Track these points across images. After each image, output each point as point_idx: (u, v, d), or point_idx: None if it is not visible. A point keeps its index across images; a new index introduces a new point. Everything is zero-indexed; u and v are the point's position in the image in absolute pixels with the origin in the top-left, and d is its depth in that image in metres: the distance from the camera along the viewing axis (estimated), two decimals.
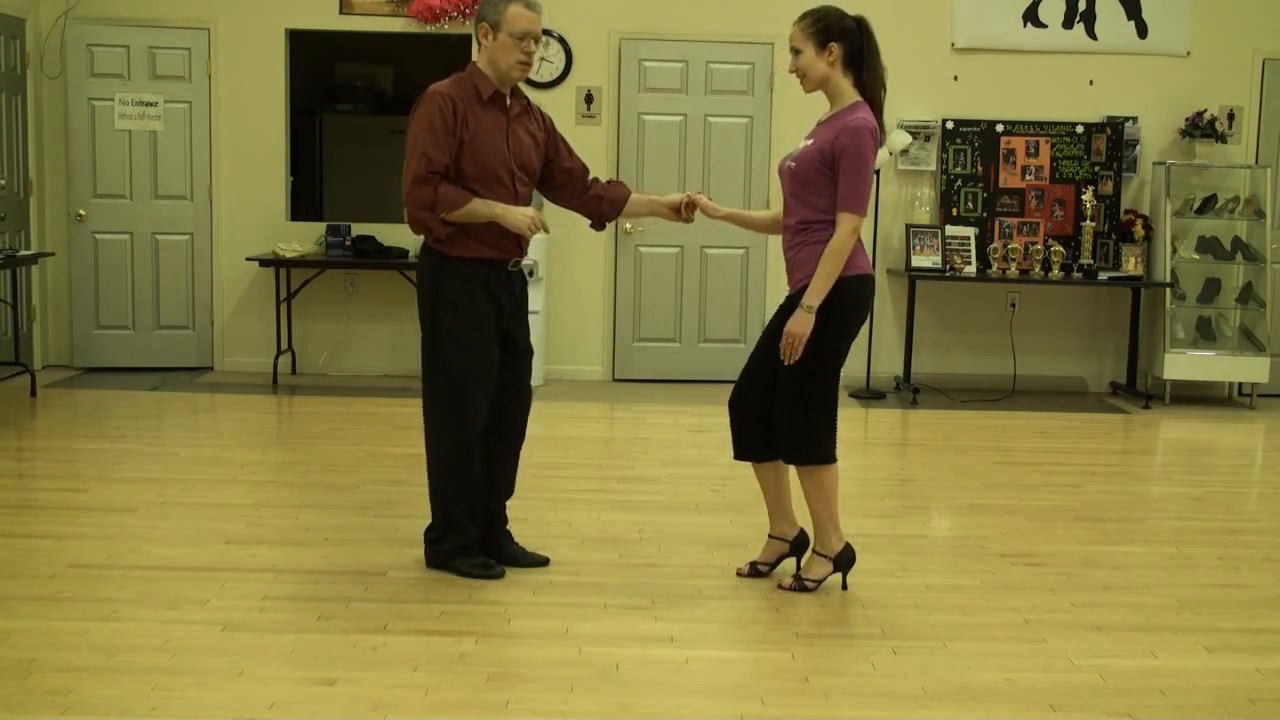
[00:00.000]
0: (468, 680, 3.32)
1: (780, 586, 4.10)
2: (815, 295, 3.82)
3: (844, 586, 4.11)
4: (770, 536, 4.22)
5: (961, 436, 6.79)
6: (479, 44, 4.01)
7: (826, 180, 3.85)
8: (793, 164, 3.94)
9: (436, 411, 4.09)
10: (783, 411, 3.97)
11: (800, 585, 4.07)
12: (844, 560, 4.08)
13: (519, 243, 4.05)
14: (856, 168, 3.80)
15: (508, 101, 4.06)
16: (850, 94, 3.93)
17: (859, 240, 3.92)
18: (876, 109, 3.94)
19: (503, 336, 4.10)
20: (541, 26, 4.04)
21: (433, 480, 4.14)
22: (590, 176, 4.34)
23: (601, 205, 4.31)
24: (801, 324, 3.82)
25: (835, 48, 3.89)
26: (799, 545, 4.19)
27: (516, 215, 3.94)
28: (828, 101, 4.01)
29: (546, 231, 4.08)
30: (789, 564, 4.20)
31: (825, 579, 4.09)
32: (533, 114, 4.18)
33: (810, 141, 3.93)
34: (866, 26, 3.94)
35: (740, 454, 4.13)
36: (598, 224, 4.38)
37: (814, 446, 3.96)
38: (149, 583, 4.02)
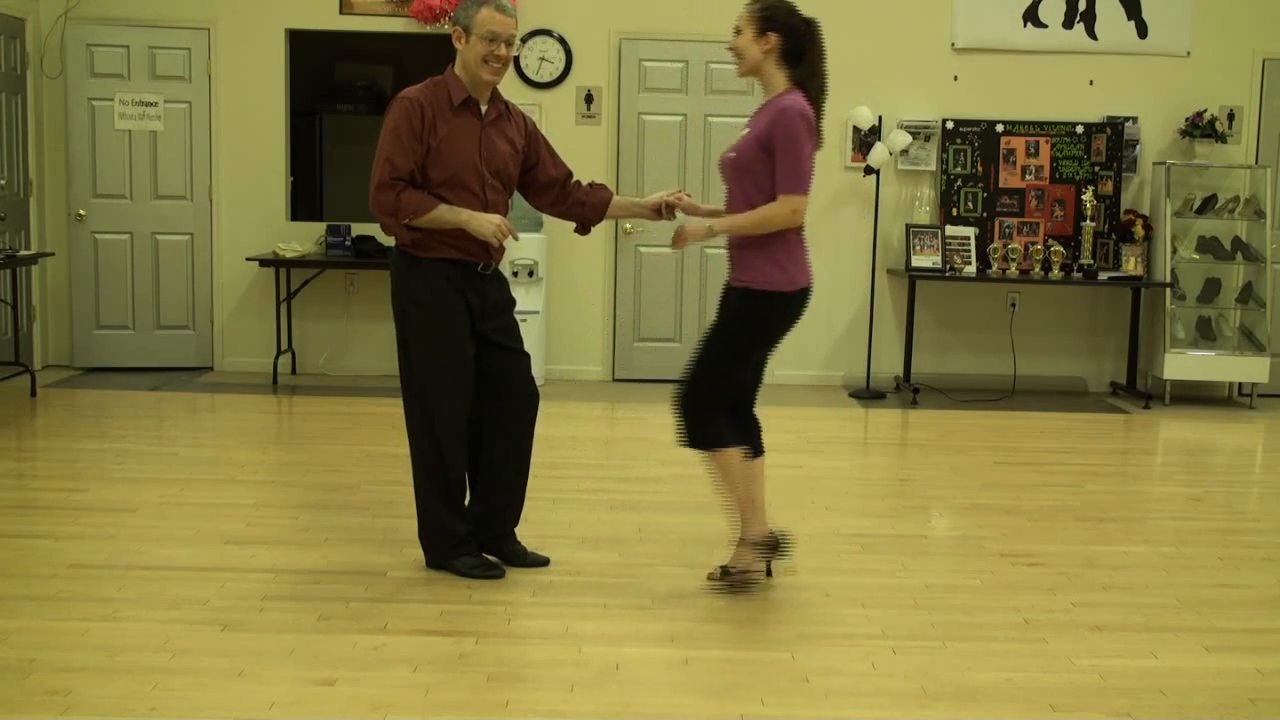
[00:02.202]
0: (468, 680, 3.32)
1: (709, 578, 4.10)
2: (727, 224, 3.89)
3: (768, 573, 4.11)
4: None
5: (961, 436, 6.79)
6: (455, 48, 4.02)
7: (765, 168, 3.84)
8: (733, 154, 3.94)
9: (411, 410, 4.09)
10: (685, 400, 3.98)
11: (725, 575, 4.07)
12: (768, 546, 4.06)
13: (487, 248, 4.03)
14: (789, 149, 3.80)
15: (483, 107, 4.04)
16: (783, 85, 3.92)
17: (804, 248, 3.93)
18: (813, 108, 3.91)
19: (481, 337, 4.08)
20: (514, 30, 4.00)
21: (415, 479, 4.14)
22: (572, 180, 4.32)
23: (585, 210, 4.30)
24: (698, 235, 3.90)
25: (773, 38, 3.88)
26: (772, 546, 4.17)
27: (482, 222, 3.93)
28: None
29: (516, 239, 4.07)
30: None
31: (751, 567, 4.07)
32: (513, 119, 4.15)
33: (748, 130, 3.94)
34: (816, 30, 3.91)
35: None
36: (582, 229, 4.37)
37: (710, 431, 3.96)
38: (149, 583, 4.02)
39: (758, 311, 3.91)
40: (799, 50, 3.90)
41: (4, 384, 7.46)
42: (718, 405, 3.98)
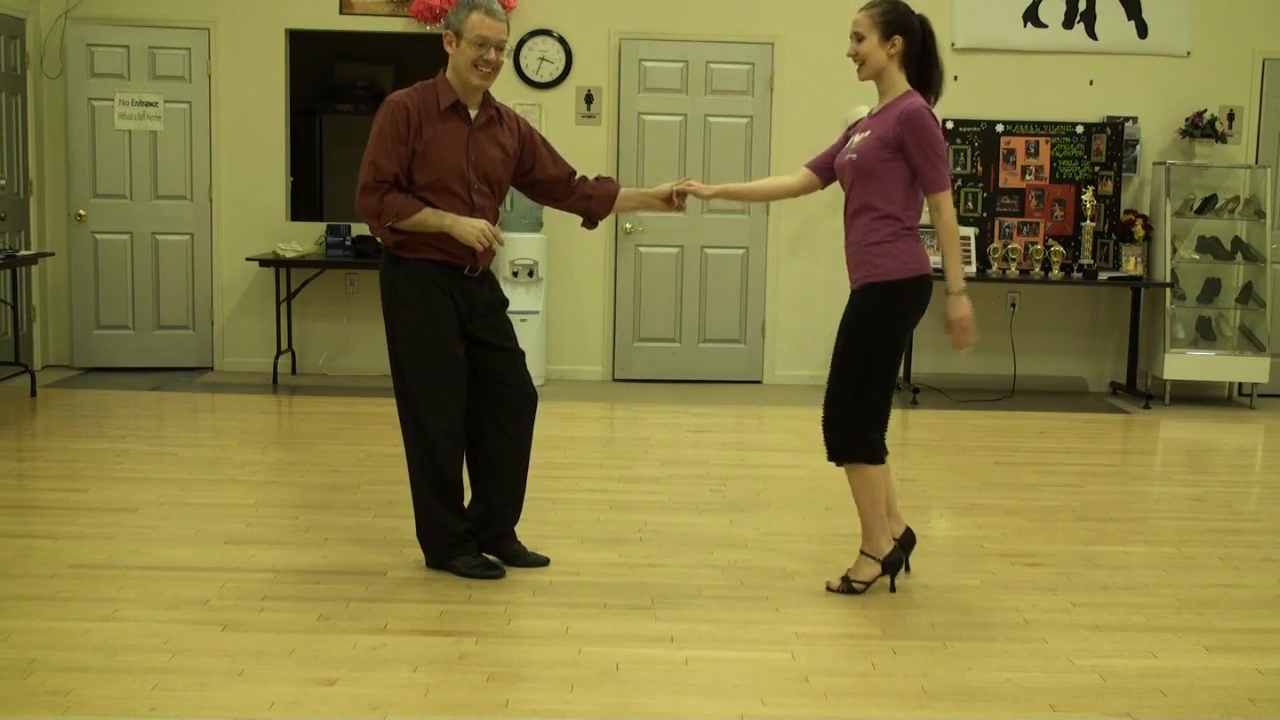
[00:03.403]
0: (468, 680, 3.32)
1: (828, 588, 4.09)
2: (956, 281, 3.95)
3: (892, 589, 4.08)
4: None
5: (961, 436, 6.79)
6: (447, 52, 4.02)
7: (891, 169, 3.88)
8: (854, 156, 3.95)
9: (404, 410, 4.09)
10: (830, 409, 4.00)
11: (847, 587, 4.06)
12: (892, 563, 4.06)
13: (473, 251, 4.02)
14: (929, 148, 3.85)
15: (472, 112, 4.04)
16: (903, 86, 3.97)
17: (918, 239, 3.99)
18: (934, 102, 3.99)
19: (472, 337, 4.07)
20: (505, 35, 4.00)
21: (410, 479, 4.14)
22: (577, 177, 4.32)
23: (591, 204, 4.30)
24: (959, 308, 3.93)
25: (899, 41, 3.92)
26: (906, 544, 4.16)
27: (466, 227, 3.93)
28: (878, 94, 4.03)
29: (501, 244, 4.07)
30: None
31: (873, 581, 4.07)
32: (505, 124, 4.14)
33: (869, 133, 3.95)
34: (928, 26, 3.98)
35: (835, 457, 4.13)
36: (589, 223, 4.38)
37: (862, 445, 3.97)
38: (149, 583, 4.02)
39: (880, 304, 3.92)
40: (918, 49, 3.95)
41: (4, 384, 7.46)
42: (866, 414, 3.97)
